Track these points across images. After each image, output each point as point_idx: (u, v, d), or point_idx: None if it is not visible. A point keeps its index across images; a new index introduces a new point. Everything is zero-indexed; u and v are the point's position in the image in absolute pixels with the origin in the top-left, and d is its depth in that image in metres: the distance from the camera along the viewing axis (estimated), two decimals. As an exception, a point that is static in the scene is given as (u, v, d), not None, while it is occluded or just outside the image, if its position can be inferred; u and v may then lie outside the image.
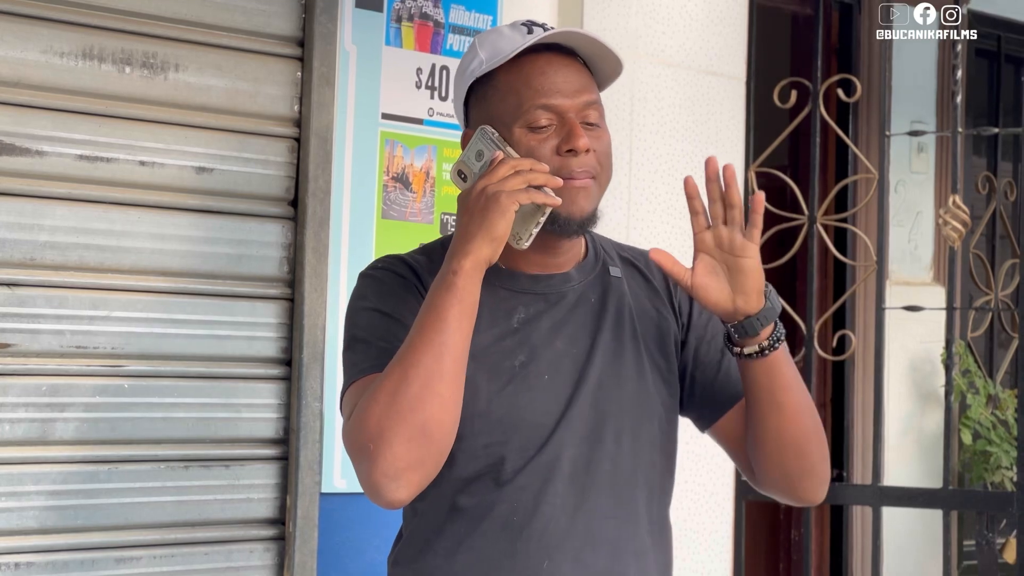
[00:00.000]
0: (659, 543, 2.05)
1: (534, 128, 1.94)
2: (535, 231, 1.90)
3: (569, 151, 1.93)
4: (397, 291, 1.97)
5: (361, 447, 1.83)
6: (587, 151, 1.94)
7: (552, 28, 1.99)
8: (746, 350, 1.95)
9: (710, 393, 2.09)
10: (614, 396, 2.00)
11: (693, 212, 1.93)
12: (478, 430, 1.93)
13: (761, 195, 1.93)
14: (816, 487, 2.05)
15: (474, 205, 1.87)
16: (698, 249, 1.94)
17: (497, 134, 1.93)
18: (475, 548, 1.95)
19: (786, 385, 1.98)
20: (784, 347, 1.98)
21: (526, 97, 1.94)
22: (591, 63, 2.00)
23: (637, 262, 2.13)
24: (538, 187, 1.88)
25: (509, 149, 1.92)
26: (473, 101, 2.01)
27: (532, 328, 1.99)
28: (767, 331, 1.95)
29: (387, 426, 1.81)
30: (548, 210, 1.89)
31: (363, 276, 2.02)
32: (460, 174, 1.96)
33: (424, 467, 1.84)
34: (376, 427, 1.81)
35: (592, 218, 1.97)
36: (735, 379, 2.08)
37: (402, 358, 1.84)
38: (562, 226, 1.95)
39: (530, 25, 1.99)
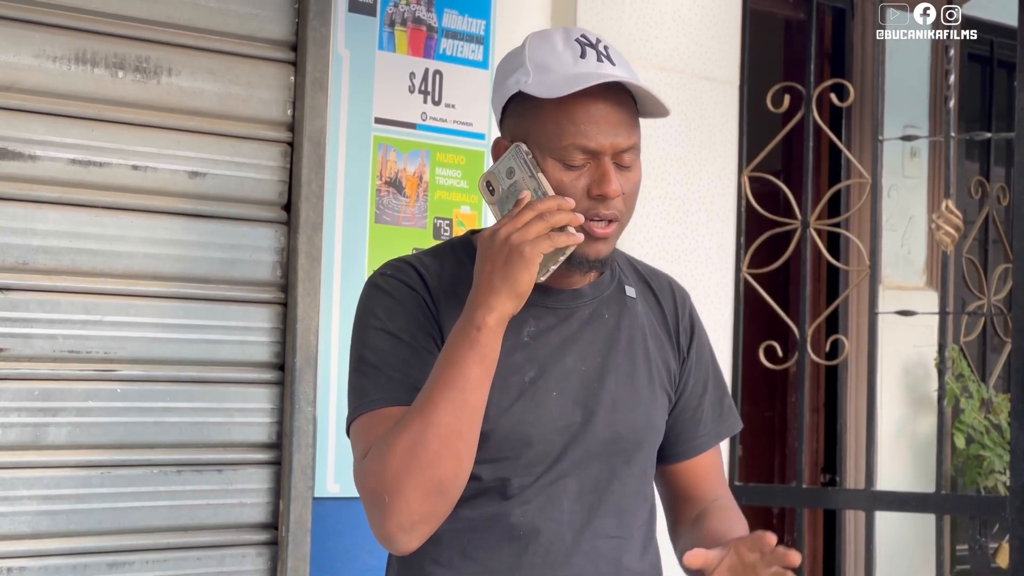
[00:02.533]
0: (653, 559, 2.07)
1: (568, 166, 1.90)
2: (553, 268, 1.88)
3: (599, 195, 1.90)
4: (407, 305, 1.95)
5: (376, 497, 1.83)
6: (617, 196, 1.91)
7: (606, 53, 1.94)
8: None
9: (674, 436, 2.11)
10: (628, 418, 2.00)
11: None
12: (486, 445, 1.91)
13: (797, 555, 1.82)
14: None
15: (497, 255, 1.84)
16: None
17: (531, 155, 1.90)
18: (479, 560, 1.95)
19: None
20: None
21: (567, 132, 1.90)
22: (638, 100, 1.96)
23: (651, 282, 2.13)
24: (561, 228, 1.85)
25: (540, 176, 1.89)
26: (512, 110, 1.97)
27: (542, 343, 1.98)
28: None
29: (404, 480, 1.81)
30: (570, 249, 1.87)
31: (372, 285, 1.99)
32: (488, 186, 1.93)
33: (436, 518, 1.85)
34: (393, 480, 1.81)
35: (607, 260, 1.96)
36: (701, 431, 2.11)
37: (422, 412, 1.82)
38: (576, 264, 1.93)
39: (583, 44, 1.94)
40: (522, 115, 1.95)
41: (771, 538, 1.81)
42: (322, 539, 3.30)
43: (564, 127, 1.90)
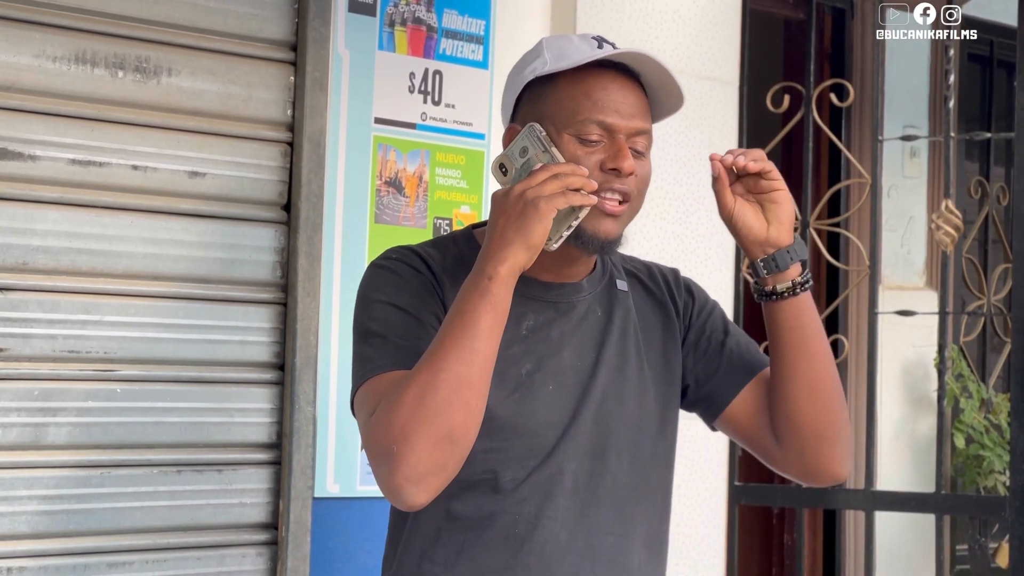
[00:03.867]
0: (655, 558, 2.06)
1: (584, 140, 1.93)
2: (566, 233, 1.89)
3: (613, 169, 1.93)
4: (412, 285, 1.96)
5: (384, 449, 1.82)
6: (630, 174, 1.94)
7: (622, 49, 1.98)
8: (779, 286, 2.00)
9: (715, 384, 2.11)
10: (617, 412, 2.00)
11: (718, 179, 2.04)
12: (479, 435, 1.91)
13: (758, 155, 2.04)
14: (842, 457, 2.07)
15: (512, 209, 1.85)
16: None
17: (544, 133, 1.92)
18: (475, 558, 1.95)
19: (815, 331, 2.02)
20: (810, 295, 2.02)
21: (584, 108, 1.93)
22: (652, 92, 2.00)
23: (640, 274, 2.14)
24: (575, 189, 1.87)
25: (554, 150, 1.91)
26: (526, 98, 2.00)
27: (540, 337, 1.98)
28: (796, 270, 1.99)
29: (412, 430, 1.79)
30: (583, 213, 1.88)
31: (376, 267, 2.00)
32: (502, 167, 1.95)
33: (446, 471, 1.83)
34: (401, 430, 1.80)
35: (616, 242, 1.97)
36: (737, 366, 2.10)
37: (431, 361, 1.82)
38: (585, 243, 1.94)
39: (600, 40, 1.99)
40: (537, 98, 1.98)
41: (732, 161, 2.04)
42: (322, 539, 3.30)
43: (580, 102, 1.94)
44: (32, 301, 2.96)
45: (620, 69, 1.97)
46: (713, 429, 2.16)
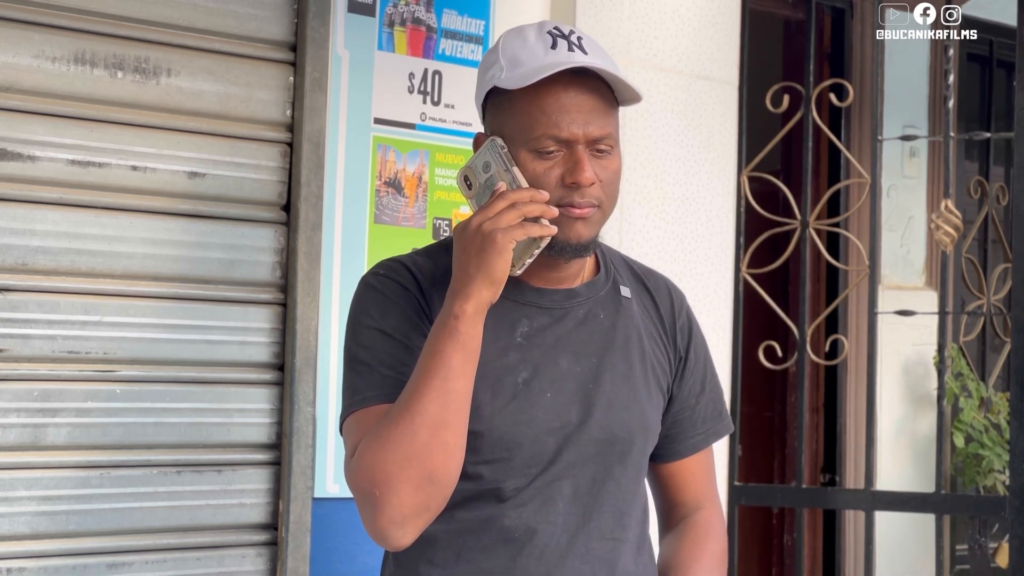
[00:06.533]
0: (647, 561, 2.07)
1: (541, 154, 1.90)
2: (529, 261, 1.89)
3: (573, 183, 1.90)
4: (399, 304, 1.95)
5: (366, 493, 1.83)
6: (591, 184, 1.91)
7: (578, 43, 1.94)
8: None
9: (671, 435, 2.11)
10: (623, 418, 2.00)
11: None
12: (480, 446, 1.92)
13: None
14: None
15: (471, 244, 1.85)
16: None
17: (506, 149, 1.91)
18: (474, 561, 1.95)
19: None
20: None
21: (537, 122, 1.90)
22: (614, 86, 1.95)
23: (647, 282, 2.12)
24: (535, 218, 1.86)
25: (515, 169, 1.90)
26: (490, 105, 1.98)
27: (535, 343, 1.97)
28: None
29: (393, 474, 1.81)
30: (545, 241, 1.88)
31: (365, 284, 1.99)
32: (466, 180, 1.94)
33: (429, 512, 1.85)
34: (382, 475, 1.82)
35: (589, 245, 1.95)
36: (698, 431, 2.12)
37: (407, 405, 1.83)
38: (558, 251, 1.93)
39: (555, 36, 1.94)
40: (498, 109, 1.96)
41: None
42: (322, 539, 3.30)
43: (535, 117, 1.90)
44: (32, 302, 2.96)
45: (575, 69, 1.92)
46: None
